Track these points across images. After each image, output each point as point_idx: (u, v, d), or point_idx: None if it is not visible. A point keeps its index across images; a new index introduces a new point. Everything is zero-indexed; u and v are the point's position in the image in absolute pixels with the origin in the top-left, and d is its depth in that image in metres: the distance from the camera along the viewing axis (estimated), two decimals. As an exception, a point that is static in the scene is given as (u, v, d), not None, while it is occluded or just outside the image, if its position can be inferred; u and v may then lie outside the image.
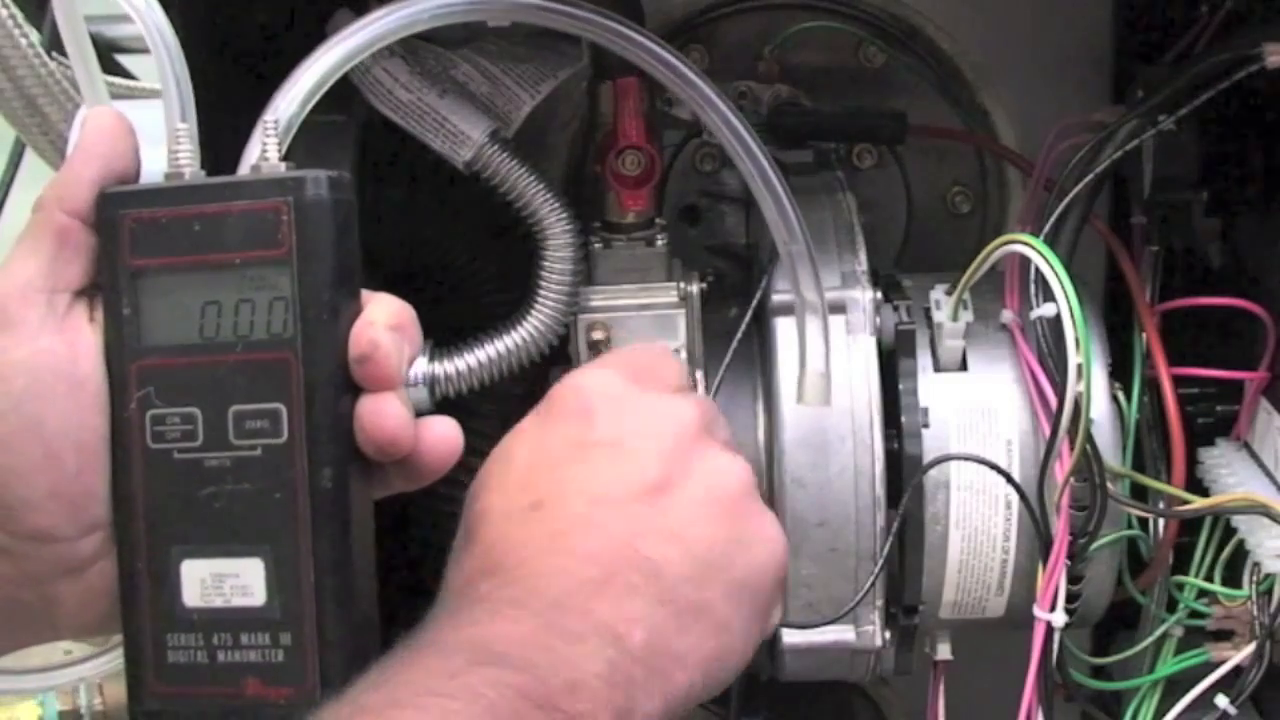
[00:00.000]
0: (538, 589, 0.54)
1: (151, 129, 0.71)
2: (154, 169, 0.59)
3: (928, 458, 0.73)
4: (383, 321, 0.56)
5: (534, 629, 0.52)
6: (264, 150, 0.57)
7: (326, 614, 0.54)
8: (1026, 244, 0.70)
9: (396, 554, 0.82)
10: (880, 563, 0.73)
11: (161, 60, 0.58)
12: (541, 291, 0.74)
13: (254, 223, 0.55)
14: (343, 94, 0.75)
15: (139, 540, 0.56)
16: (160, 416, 0.56)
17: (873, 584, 0.73)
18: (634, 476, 0.57)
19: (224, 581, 0.55)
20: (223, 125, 0.74)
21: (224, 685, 0.55)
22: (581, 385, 0.61)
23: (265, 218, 0.55)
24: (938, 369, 0.76)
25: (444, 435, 0.58)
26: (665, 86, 0.66)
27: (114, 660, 0.75)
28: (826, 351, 0.67)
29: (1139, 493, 0.76)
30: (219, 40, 0.74)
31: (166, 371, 0.56)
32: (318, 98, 0.61)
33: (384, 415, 0.56)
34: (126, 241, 0.56)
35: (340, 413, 0.55)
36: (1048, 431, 0.71)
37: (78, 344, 0.56)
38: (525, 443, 0.60)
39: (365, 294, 0.58)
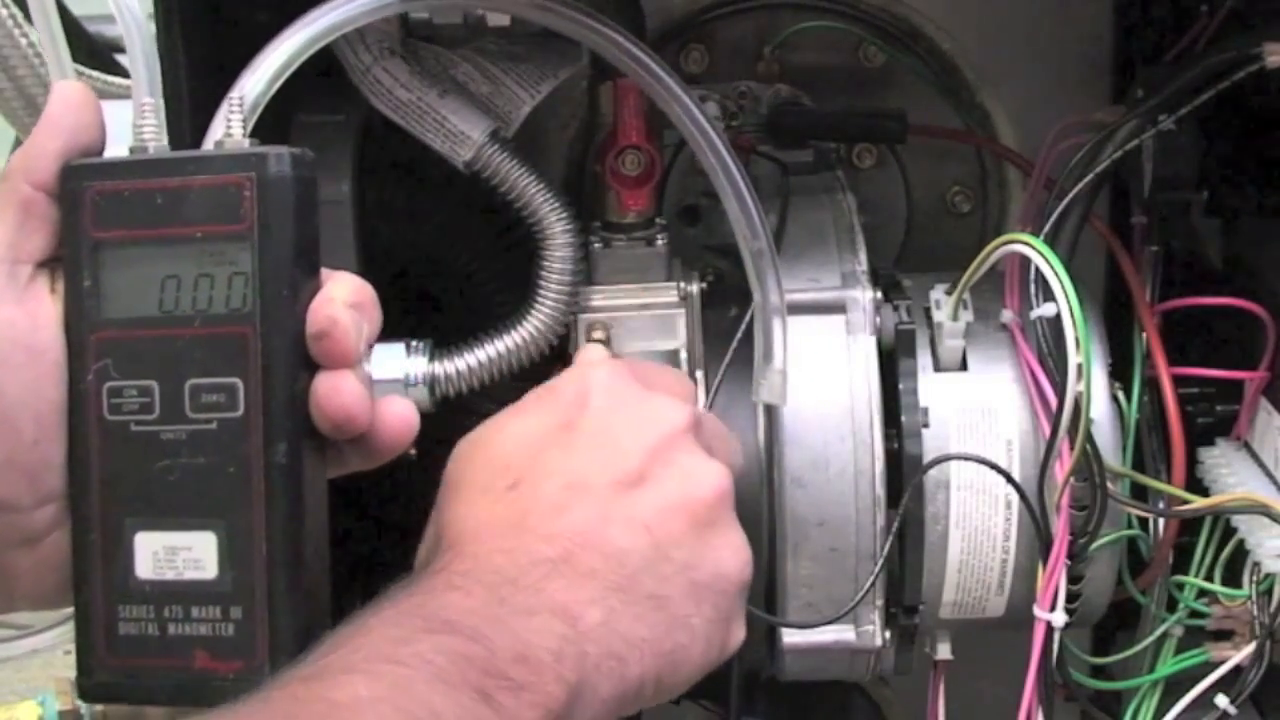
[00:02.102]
0: (494, 564, 0.55)
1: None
2: None
3: (928, 458, 0.73)
4: (342, 299, 0.56)
5: (485, 601, 0.53)
6: (228, 126, 0.57)
7: (277, 589, 0.54)
8: (1026, 244, 0.70)
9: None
10: (880, 563, 0.73)
11: (130, 36, 0.58)
12: (541, 291, 0.74)
13: (216, 197, 0.55)
14: (343, 94, 0.76)
15: (93, 511, 0.56)
16: (117, 389, 0.56)
17: (873, 584, 0.73)
18: (613, 465, 0.58)
19: (177, 554, 0.55)
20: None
21: (174, 657, 0.55)
22: (584, 375, 0.63)
23: (227, 192, 0.55)
24: (938, 369, 0.76)
25: (400, 414, 0.58)
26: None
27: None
28: (785, 351, 0.68)
29: (1139, 493, 0.76)
30: (219, 41, 0.74)
31: (125, 344, 0.56)
32: (285, 76, 0.61)
33: (340, 392, 0.56)
34: (89, 213, 0.56)
35: (297, 389, 0.55)
36: (1048, 431, 0.71)
37: (38, 314, 0.56)
38: (516, 423, 0.61)
39: (325, 272, 0.58)
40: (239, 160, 0.55)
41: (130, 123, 0.59)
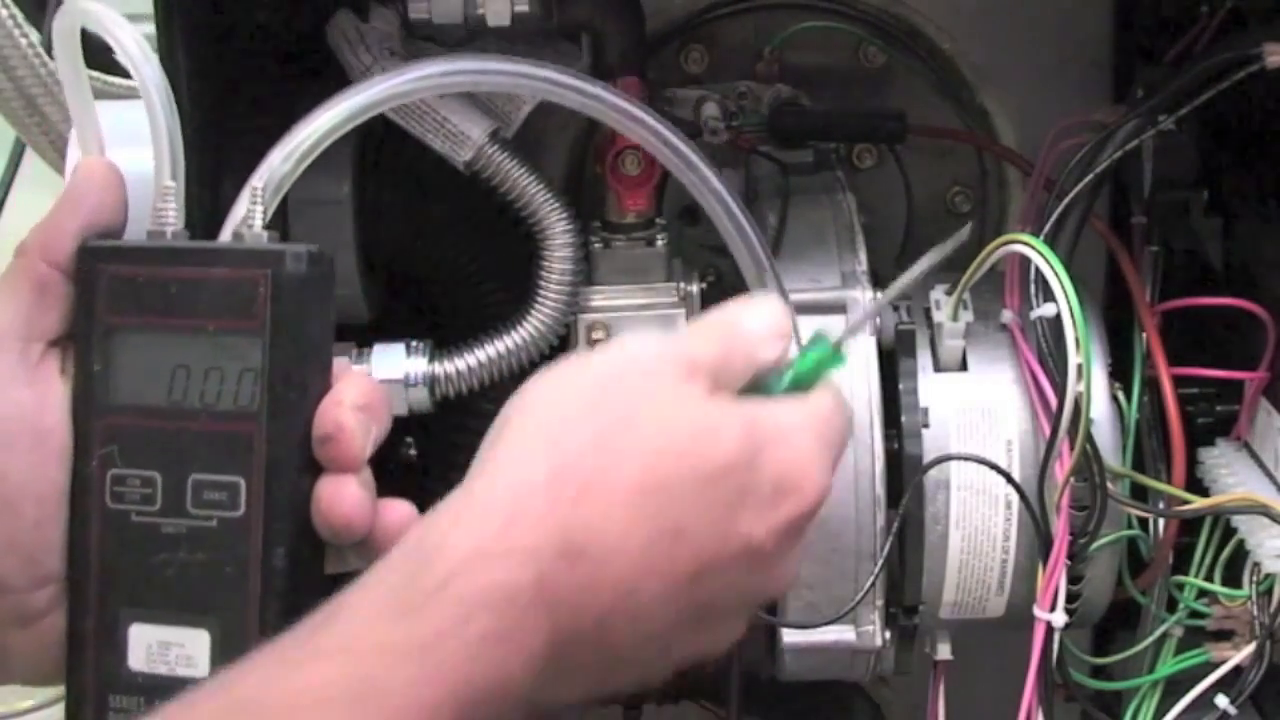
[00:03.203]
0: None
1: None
2: (149, 169, 0.59)
3: (928, 458, 0.73)
4: (350, 401, 0.55)
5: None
6: (249, 217, 0.57)
7: None
8: (1026, 244, 0.70)
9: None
10: (880, 563, 0.73)
11: (155, 116, 0.57)
12: (541, 291, 0.74)
13: (230, 292, 0.55)
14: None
15: (90, 598, 0.56)
16: (121, 477, 0.56)
17: (873, 584, 0.73)
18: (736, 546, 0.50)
19: (169, 650, 0.55)
20: (223, 125, 0.74)
21: None
22: (802, 474, 0.52)
23: (242, 288, 0.55)
24: (938, 369, 0.76)
25: (401, 520, 0.57)
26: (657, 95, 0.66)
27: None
28: None
29: (1139, 493, 0.76)
30: (220, 40, 0.74)
31: (131, 431, 0.56)
32: (313, 157, 0.61)
33: (342, 498, 0.55)
34: (103, 297, 0.56)
35: (299, 492, 0.55)
36: (1048, 431, 0.71)
37: (47, 396, 0.56)
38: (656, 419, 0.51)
39: (337, 368, 0.57)
40: (255, 257, 0.55)
41: (129, 123, 0.58)
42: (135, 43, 0.57)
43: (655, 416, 0.51)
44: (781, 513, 0.51)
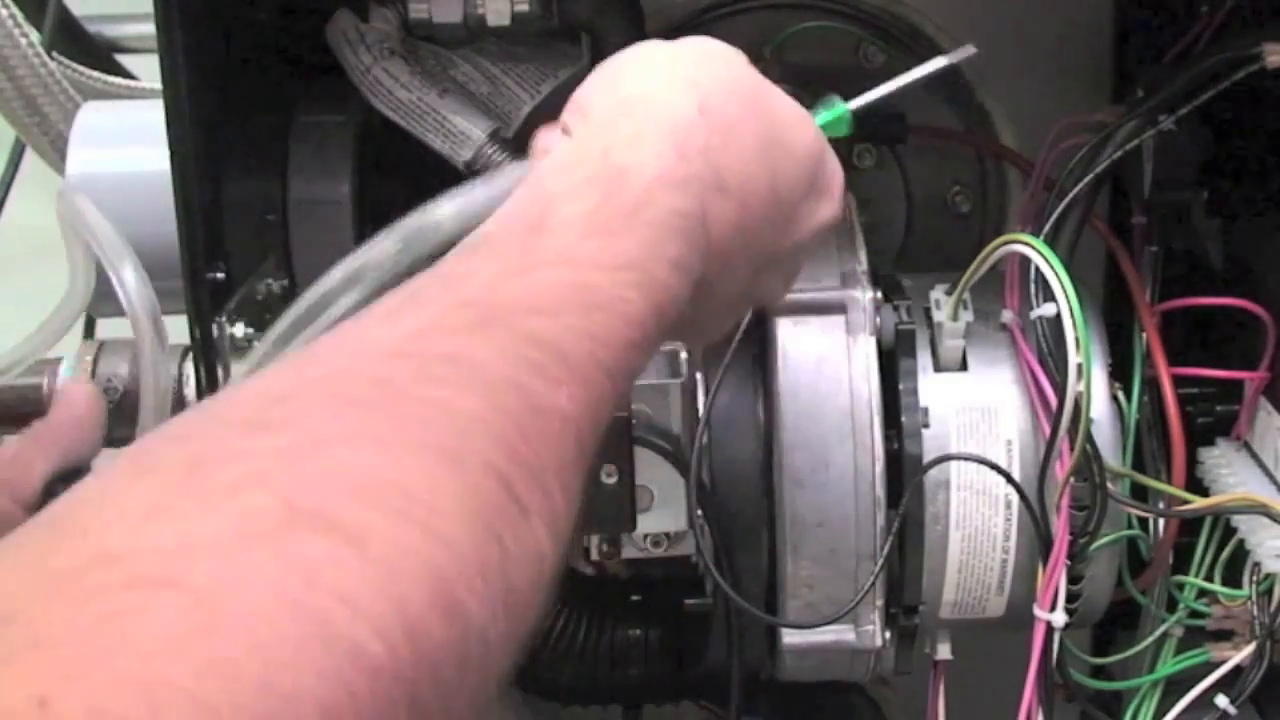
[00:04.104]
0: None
1: (151, 129, 0.71)
2: (149, 169, 0.58)
3: (928, 458, 0.73)
4: None
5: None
6: None
7: None
8: (1026, 244, 0.70)
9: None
10: (880, 563, 0.73)
11: (144, 356, 0.54)
12: (541, 291, 0.74)
13: None
14: (343, 94, 0.76)
15: None
16: None
17: (873, 584, 0.73)
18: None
19: None
20: (223, 125, 0.74)
21: None
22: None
23: None
24: (938, 369, 0.76)
25: None
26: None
27: None
28: None
29: (1139, 493, 0.76)
30: (220, 40, 0.74)
31: None
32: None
33: None
34: None
35: None
36: (1048, 431, 0.71)
37: None
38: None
39: None
40: None
41: (129, 123, 0.58)
42: (130, 265, 0.54)
43: (758, 86, 0.55)
44: (821, 213, 0.57)
